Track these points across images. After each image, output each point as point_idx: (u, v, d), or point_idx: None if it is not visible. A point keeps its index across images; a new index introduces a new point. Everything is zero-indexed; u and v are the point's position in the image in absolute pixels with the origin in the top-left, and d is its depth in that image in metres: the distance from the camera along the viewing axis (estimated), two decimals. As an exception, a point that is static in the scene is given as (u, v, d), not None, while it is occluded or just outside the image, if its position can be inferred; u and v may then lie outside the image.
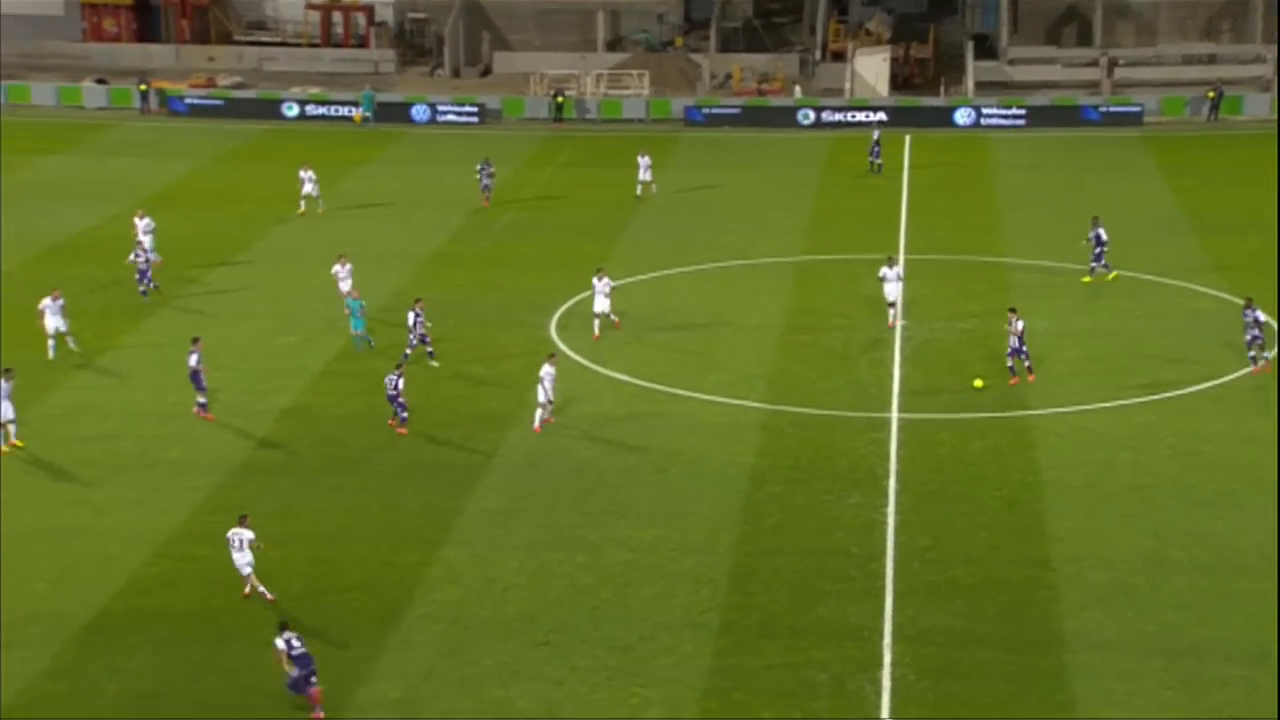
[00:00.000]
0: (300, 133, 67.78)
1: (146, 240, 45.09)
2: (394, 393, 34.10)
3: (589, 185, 58.01)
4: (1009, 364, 36.84)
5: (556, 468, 32.74)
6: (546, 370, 34.11)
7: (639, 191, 54.77)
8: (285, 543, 29.15)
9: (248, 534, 26.99)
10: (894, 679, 24.83)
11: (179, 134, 67.24)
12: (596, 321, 40.05)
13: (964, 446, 33.81)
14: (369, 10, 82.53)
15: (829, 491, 31.65)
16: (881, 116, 67.44)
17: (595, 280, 40.21)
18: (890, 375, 38.00)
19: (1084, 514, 30.50)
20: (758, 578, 28.08)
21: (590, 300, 40.67)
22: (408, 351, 38.09)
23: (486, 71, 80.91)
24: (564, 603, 27.16)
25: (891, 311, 40.71)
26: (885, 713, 24.04)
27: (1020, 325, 36.54)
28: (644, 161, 55.32)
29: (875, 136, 59.87)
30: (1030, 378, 36.79)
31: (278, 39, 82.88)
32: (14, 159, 60.03)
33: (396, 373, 34.34)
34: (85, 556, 28.39)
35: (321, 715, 23.55)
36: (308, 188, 52.17)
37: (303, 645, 23.69)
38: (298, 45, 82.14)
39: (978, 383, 36.69)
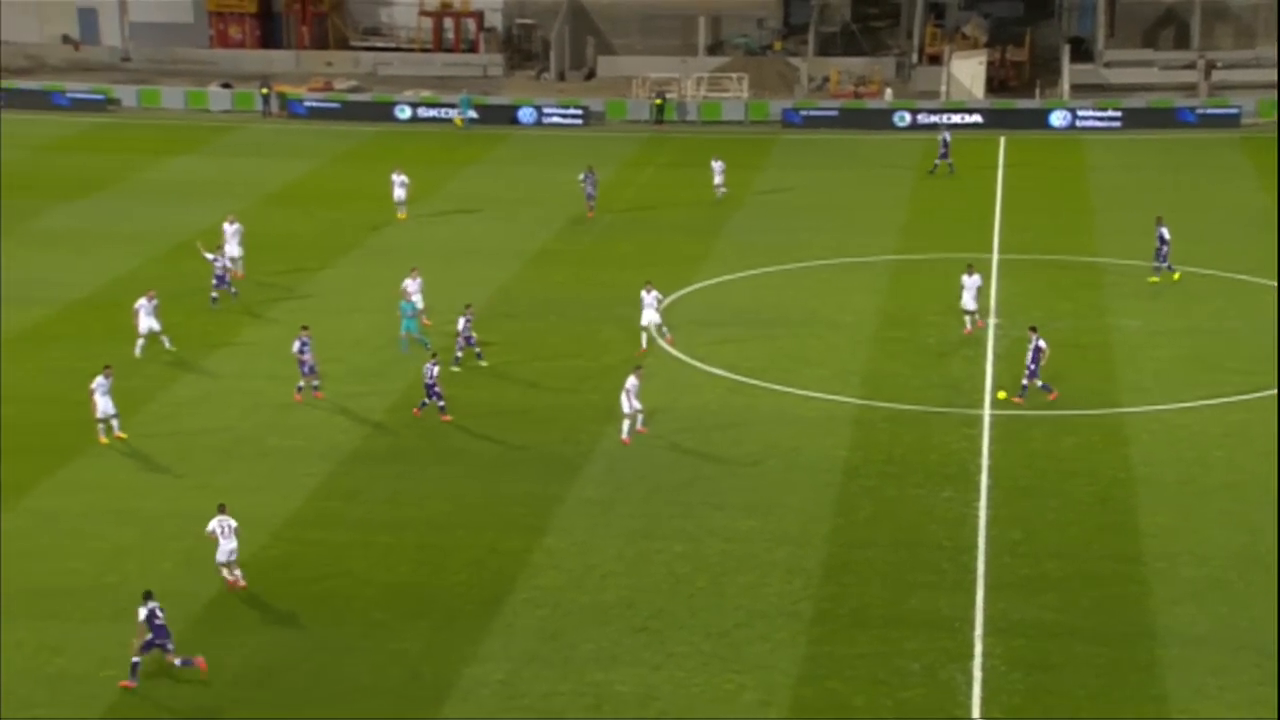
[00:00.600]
0: (412, 134, 68.39)
1: (233, 247, 44.21)
2: (430, 381, 34.18)
3: (688, 185, 57.87)
4: (1038, 384, 34.92)
5: (654, 459, 32.68)
6: (631, 382, 33.34)
7: (718, 196, 54.38)
8: (394, 529, 29.42)
9: (232, 521, 26.86)
10: (985, 670, 24.47)
11: (298, 135, 68.15)
12: (645, 335, 38.69)
13: (1056, 443, 33.23)
14: (479, 16, 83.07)
15: (921, 486, 31.26)
16: (950, 119, 66.55)
17: (644, 293, 38.65)
18: (983, 372, 37.46)
19: (1177, 510, 29.84)
20: (851, 569, 27.81)
21: (638, 313, 38.99)
22: (458, 354, 37.89)
23: (590, 75, 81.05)
24: (661, 590, 27.09)
25: (969, 319, 39.91)
26: (976, 702, 23.69)
27: (1041, 344, 34.85)
28: (717, 166, 54.98)
29: (944, 138, 59.12)
30: (1051, 395, 34.83)
31: (392, 44, 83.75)
32: (145, 159, 61.21)
33: (433, 362, 34.42)
34: (207, 539, 28.79)
35: (202, 661, 24.20)
36: (399, 192, 51.60)
37: (163, 617, 24.08)
38: (411, 50, 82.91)
39: (1001, 394, 34.99)
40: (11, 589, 26.82)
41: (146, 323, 38.07)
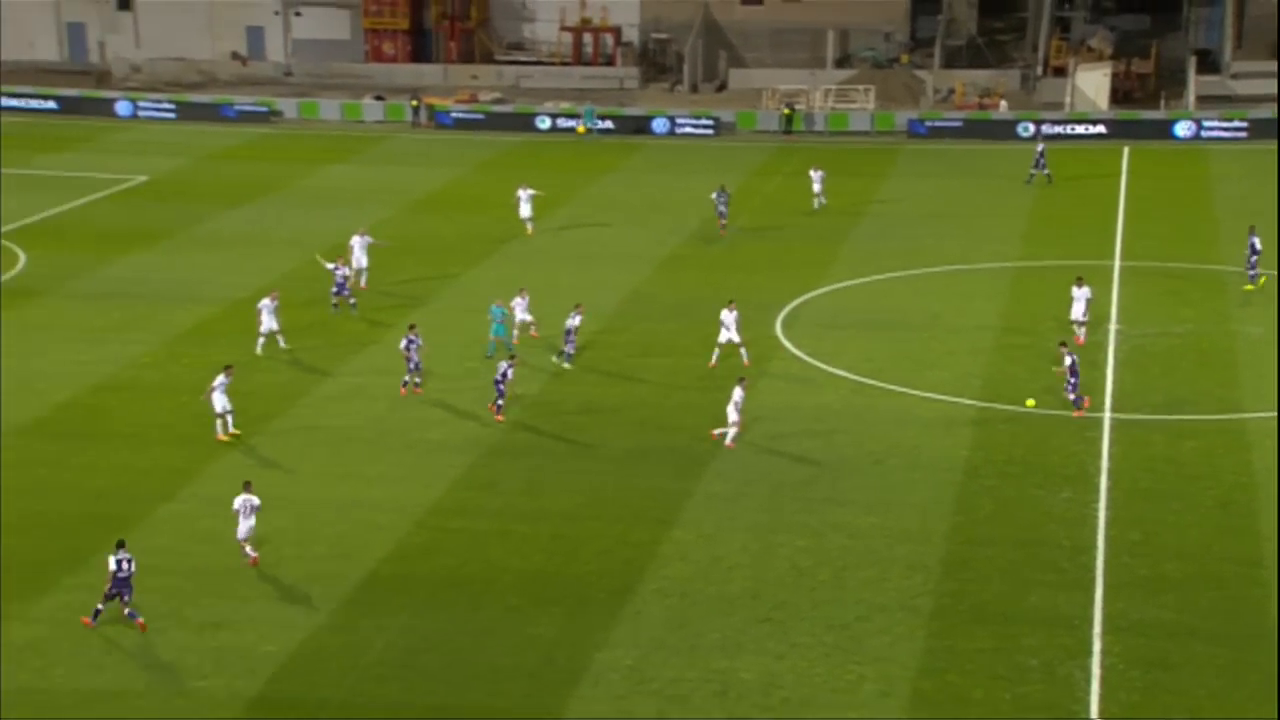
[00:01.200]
0: (551, 144, 68.98)
1: (361, 258, 44.05)
2: (499, 378, 34.18)
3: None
4: (1070, 397, 34.09)
5: (779, 457, 32.56)
6: (737, 394, 32.93)
7: (816, 206, 53.68)
8: (530, 518, 29.71)
9: (255, 500, 27.24)
10: (1104, 667, 23.95)
11: (445, 144, 69.16)
12: (717, 351, 37.89)
13: (1176, 447, 32.39)
14: (616, 32, 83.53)
15: (1041, 486, 30.70)
16: (1045, 130, 65.30)
17: (725, 312, 37.93)
18: (1104, 377, 36.65)
19: (1299, 516, 28.89)
20: (970, 566, 27.42)
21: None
22: (568, 351, 37.71)
23: (722, 87, 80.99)
24: (785, 582, 26.97)
25: (1080, 330, 38.90)
26: (1095, 699, 23.20)
27: (1070, 360, 33.95)
28: (816, 175, 54.36)
29: (1039, 149, 57.99)
30: (1084, 404, 33.99)
31: (534, 58, 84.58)
32: (303, 167, 62.61)
33: (509, 364, 34.34)
34: (357, 525, 29.40)
35: (142, 622, 25.26)
36: (525, 208, 50.24)
37: (130, 569, 25.10)
38: (551, 64, 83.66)
39: (1030, 402, 34.32)
40: (180, 569, 27.62)
41: (268, 322, 38.50)
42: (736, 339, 37.94)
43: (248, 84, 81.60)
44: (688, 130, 70.46)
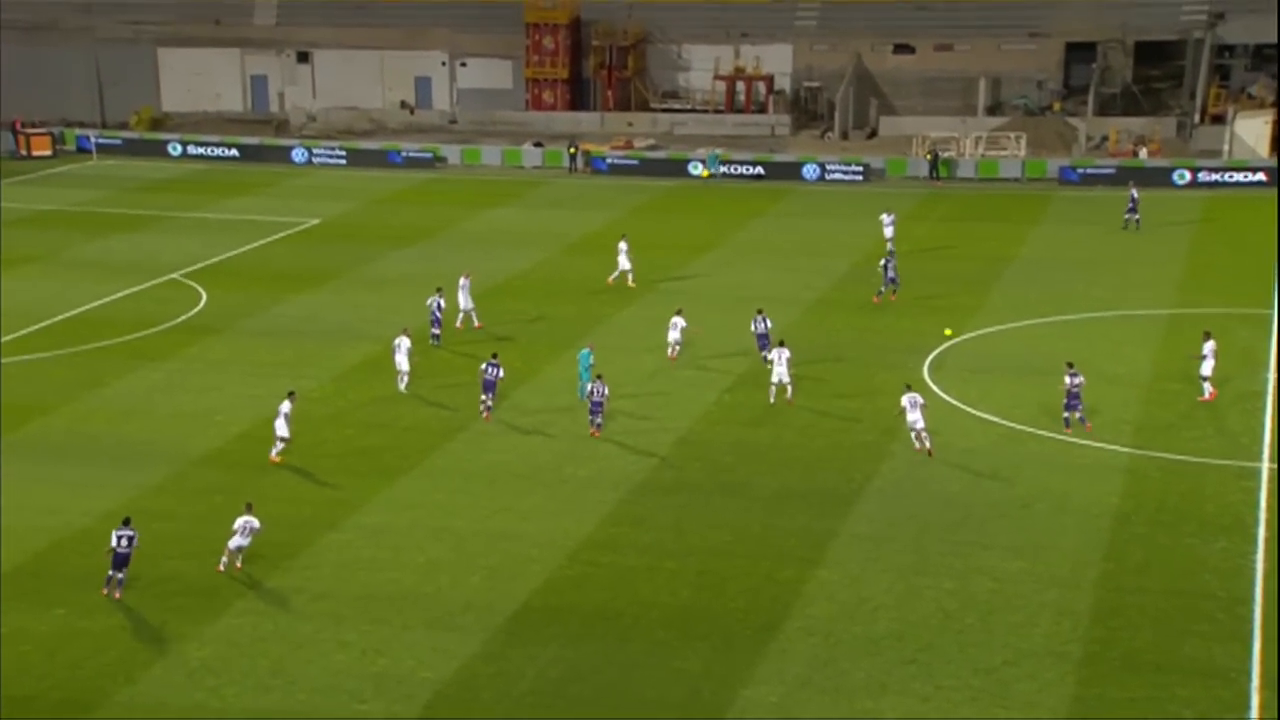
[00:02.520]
0: (704, 189, 69.21)
1: (465, 299, 44.72)
2: (597, 399, 35.78)
3: (965, 238, 56.68)
4: (1064, 415, 35.05)
5: (926, 498, 31.99)
6: (910, 400, 34.09)
7: (889, 248, 52.42)
8: (678, 555, 29.64)
9: (256, 522, 28.39)
10: (1259, 724, 22.92)
11: (600, 190, 69.90)
12: (773, 388, 37.62)
13: (1338, 499, 30.96)
14: (769, 80, 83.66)
15: (1195, 535, 29.60)
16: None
17: (775, 351, 37.76)
18: (1261, 425, 35.26)
19: None
20: (1121, 614, 26.51)
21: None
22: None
23: (873, 134, 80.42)
24: (931, 625, 26.43)
25: (1205, 385, 37.32)
26: (1249, 757, 22.21)
27: (1078, 380, 34.94)
28: (887, 219, 53.19)
29: (1133, 194, 56.50)
30: (1087, 427, 35.09)
31: (688, 106, 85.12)
32: (466, 211, 63.76)
33: (601, 384, 35.95)
34: (510, 557, 29.67)
35: (118, 596, 27.43)
36: (622, 261, 49.51)
37: (130, 546, 27.35)
38: (704, 111, 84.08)
39: (947, 331, 39.03)
40: (342, 596, 28.17)
41: (400, 359, 39.06)
42: (786, 379, 37.65)
43: (415, 131, 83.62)
44: (837, 176, 70.08)
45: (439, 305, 43.65)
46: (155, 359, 42.49)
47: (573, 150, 73.90)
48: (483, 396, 37.33)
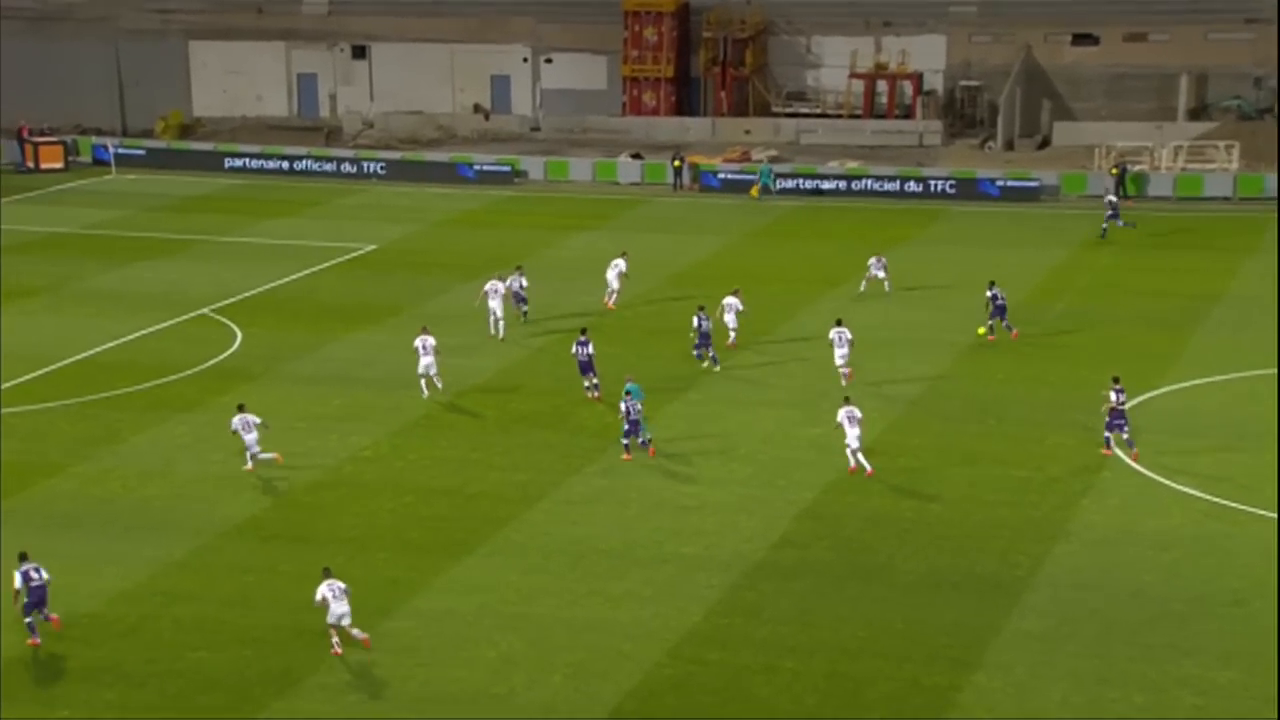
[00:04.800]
0: (836, 209, 69.27)
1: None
2: (634, 418, 38.45)
3: (1158, 271, 56.04)
4: (1105, 435, 38.07)
5: (1110, 590, 31.56)
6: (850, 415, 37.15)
7: (865, 283, 53.23)
8: (802, 653, 29.52)
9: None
10: None
11: (710, 210, 70.25)
12: (857, 455, 37.95)
13: None
14: (917, 79, 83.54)
15: None
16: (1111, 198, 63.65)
17: (846, 412, 38.02)
18: None
19: None
20: (1355, 738, 25.89)
21: None
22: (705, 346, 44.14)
23: (1044, 144, 79.99)
24: (1114, 747, 26.03)
25: None
26: None
27: (1123, 397, 37.86)
28: (876, 264, 53.09)
29: (1109, 200, 61.35)
30: (1134, 454, 37.68)
31: (817, 110, 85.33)
32: (549, 235, 64.25)
33: (633, 401, 38.44)
34: (598, 651, 29.77)
35: (56, 618, 29.81)
36: (612, 277, 52.53)
37: (41, 578, 29.51)
38: (838, 117, 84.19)
39: (980, 331, 44.71)
40: (398, 696, 28.44)
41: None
42: (857, 445, 37.69)
43: (490, 141, 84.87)
44: (1000, 194, 69.75)
45: (521, 284, 50.10)
46: (180, 410, 43.42)
47: (678, 163, 74.45)
48: (584, 380, 41.79)
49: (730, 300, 47.97)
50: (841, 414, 37.80)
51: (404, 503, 37.07)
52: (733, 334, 47.70)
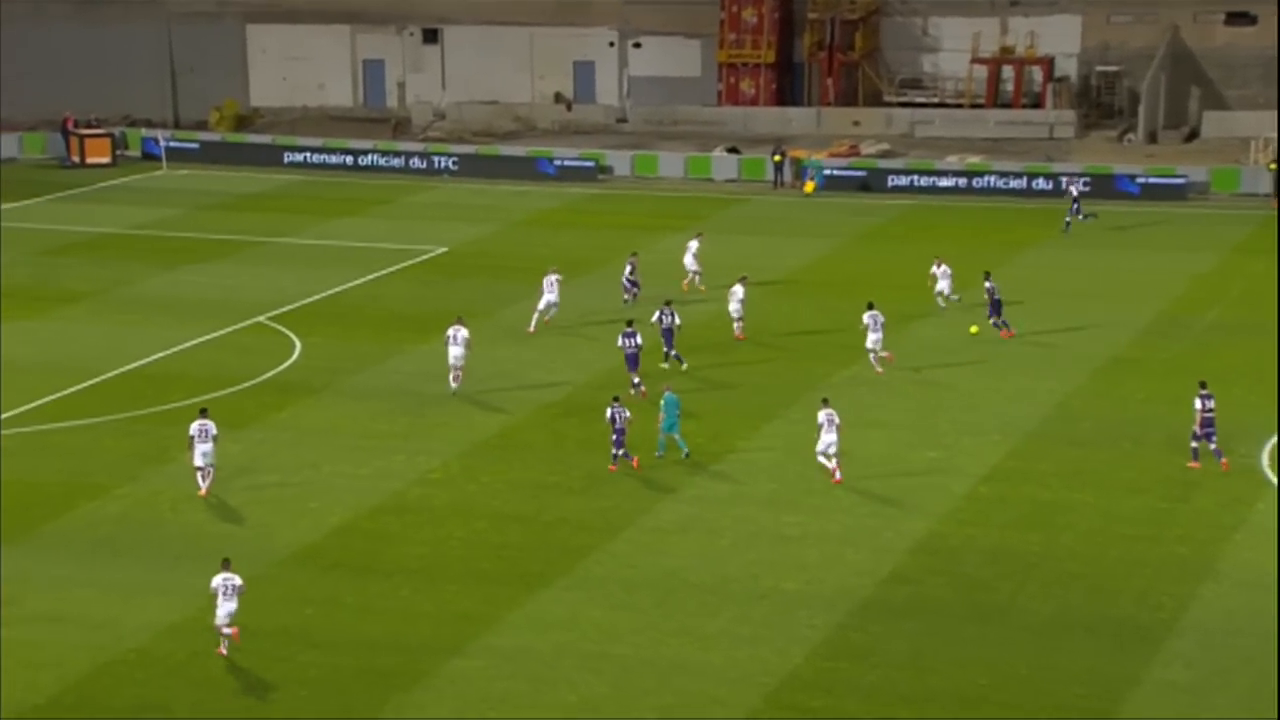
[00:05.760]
0: (955, 209, 68.91)
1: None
2: (620, 426, 39.31)
3: (1323, 278, 55.25)
4: (1193, 446, 38.69)
5: (1266, 636, 31.09)
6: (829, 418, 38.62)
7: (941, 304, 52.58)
8: (916, 701, 29.34)
9: (238, 580, 31.19)
10: None
11: (813, 209, 70.05)
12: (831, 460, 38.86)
13: None
14: (1047, 63, 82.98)
15: None
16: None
17: (826, 414, 38.94)
18: None
19: None
20: None
21: None
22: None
23: (1192, 135, 79.21)
24: (1267, 811, 25.63)
25: None
26: None
27: (1211, 404, 38.39)
28: (735, 293, 50.97)
29: (1074, 193, 63.85)
30: (1223, 464, 38.33)
31: (934, 99, 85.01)
32: (636, 236, 63.77)
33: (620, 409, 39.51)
34: (688, 696, 29.72)
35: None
36: (689, 261, 55.56)
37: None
38: (957, 107, 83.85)
39: (973, 329, 47.44)
40: (463, 739, 28.59)
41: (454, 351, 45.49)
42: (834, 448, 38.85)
43: (572, 133, 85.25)
44: (1141, 193, 69.09)
45: (632, 268, 53.61)
46: (234, 427, 43.82)
47: (779, 158, 74.39)
48: (632, 376, 44.16)
49: (736, 289, 49.74)
50: (821, 415, 38.92)
51: (476, 530, 37.24)
52: (738, 325, 49.72)
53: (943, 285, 52.39)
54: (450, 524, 37.57)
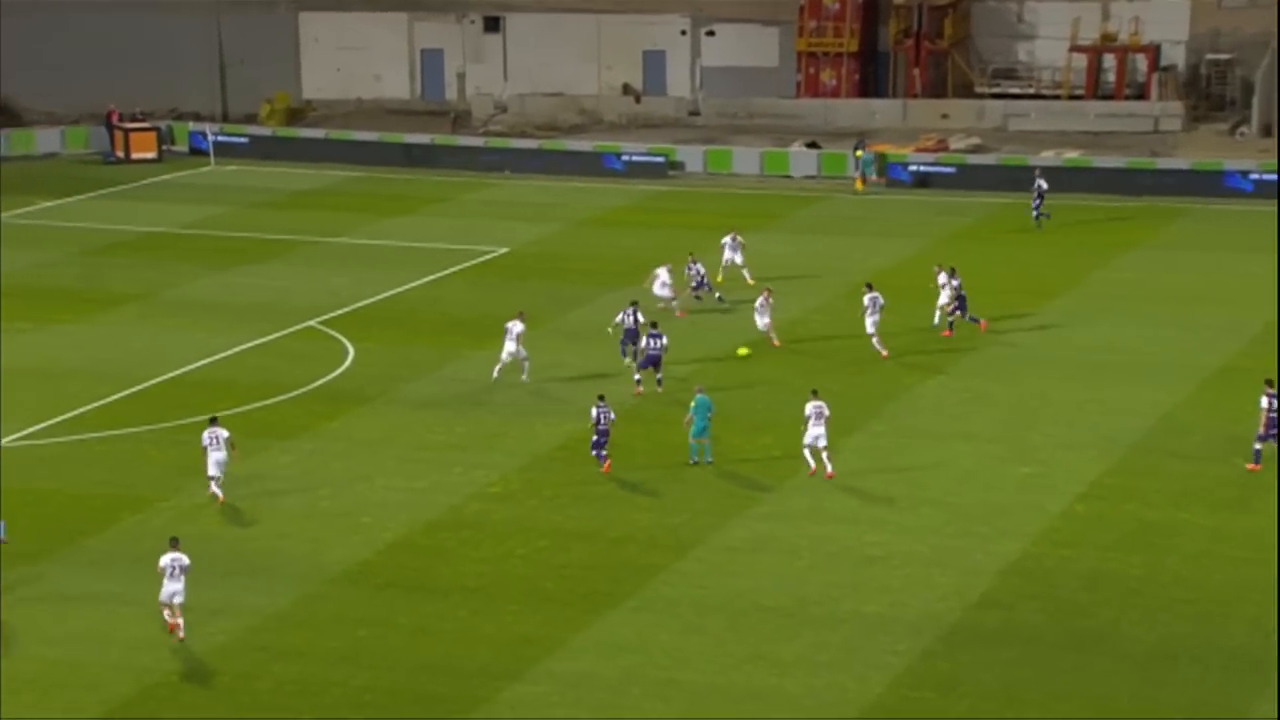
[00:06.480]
0: (1051, 208, 68.44)
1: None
2: (603, 428, 40.19)
3: None
4: (1256, 448, 39.33)
5: (1383, 667, 30.78)
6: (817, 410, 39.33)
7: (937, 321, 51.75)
8: (1007, 733, 29.25)
9: (186, 559, 32.37)
10: None
11: (898, 208, 69.87)
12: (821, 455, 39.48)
13: None
14: (1152, 51, 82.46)
15: None
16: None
17: (814, 406, 39.86)
18: None
19: None
20: None
21: None
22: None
23: (1309, 129, 78.46)
24: None
25: None
26: None
27: (1273, 403, 38.76)
28: (760, 304, 51.04)
29: (1039, 186, 64.14)
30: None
31: (1029, 90, 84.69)
32: (708, 236, 63.58)
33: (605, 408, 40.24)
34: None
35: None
36: (730, 254, 56.73)
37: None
38: (1054, 98, 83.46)
39: (741, 350, 48.17)
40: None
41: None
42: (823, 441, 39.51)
43: (641, 127, 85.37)
44: (1254, 190, 68.54)
45: (699, 271, 54.00)
46: (284, 436, 44.20)
47: (860, 153, 74.20)
48: (656, 373, 45.18)
49: (761, 301, 50.34)
50: (809, 408, 39.83)
51: (537, 548, 37.33)
52: (771, 335, 50.27)
53: (944, 298, 51.13)
54: (510, 541, 37.68)
